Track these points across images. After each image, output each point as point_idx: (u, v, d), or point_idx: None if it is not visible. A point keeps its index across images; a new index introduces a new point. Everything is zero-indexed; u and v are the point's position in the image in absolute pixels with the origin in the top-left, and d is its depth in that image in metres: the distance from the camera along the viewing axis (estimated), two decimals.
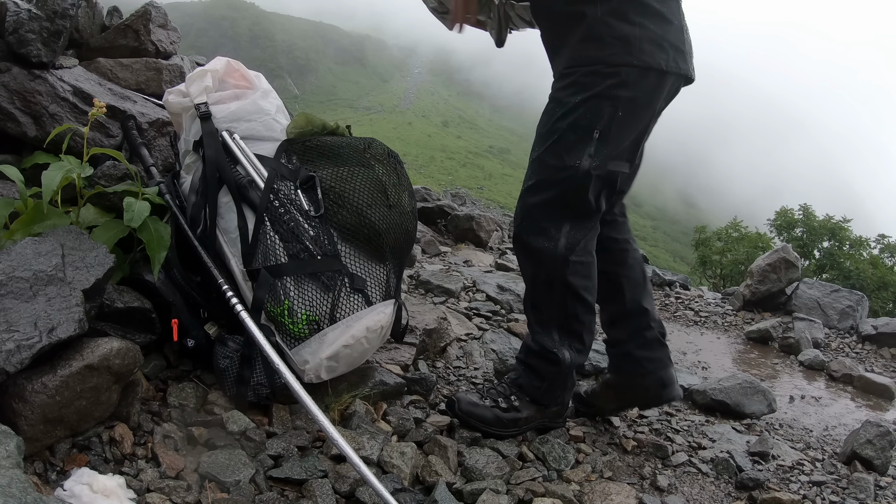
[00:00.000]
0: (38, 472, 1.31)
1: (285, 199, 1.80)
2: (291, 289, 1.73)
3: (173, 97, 2.00)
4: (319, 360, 1.72)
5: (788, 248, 4.28)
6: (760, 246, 19.43)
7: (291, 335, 1.72)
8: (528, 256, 1.91)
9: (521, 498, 1.70)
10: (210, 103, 1.92)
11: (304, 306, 1.72)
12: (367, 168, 1.94)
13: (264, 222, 1.76)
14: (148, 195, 1.80)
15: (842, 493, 2.04)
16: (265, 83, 2.10)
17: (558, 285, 1.86)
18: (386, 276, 1.90)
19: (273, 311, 1.71)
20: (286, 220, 1.77)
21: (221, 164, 1.82)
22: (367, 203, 1.87)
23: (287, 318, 1.71)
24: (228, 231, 1.80)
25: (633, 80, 1.71)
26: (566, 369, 1.93)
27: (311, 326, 1.73)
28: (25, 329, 1.28)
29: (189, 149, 1.93)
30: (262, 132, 1.96)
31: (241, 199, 1.80)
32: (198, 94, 1.93)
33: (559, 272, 1.85)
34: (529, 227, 1.87)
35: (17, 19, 1.86)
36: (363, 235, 1.84)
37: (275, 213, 1.77)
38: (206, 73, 1.97)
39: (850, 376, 3.16)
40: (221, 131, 1.89)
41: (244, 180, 1.81)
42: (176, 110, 2.00)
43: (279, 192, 1.81)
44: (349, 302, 1.79)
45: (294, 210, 1.80)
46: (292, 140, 1.96)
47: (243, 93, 2.02)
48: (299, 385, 1.54)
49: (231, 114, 1.93)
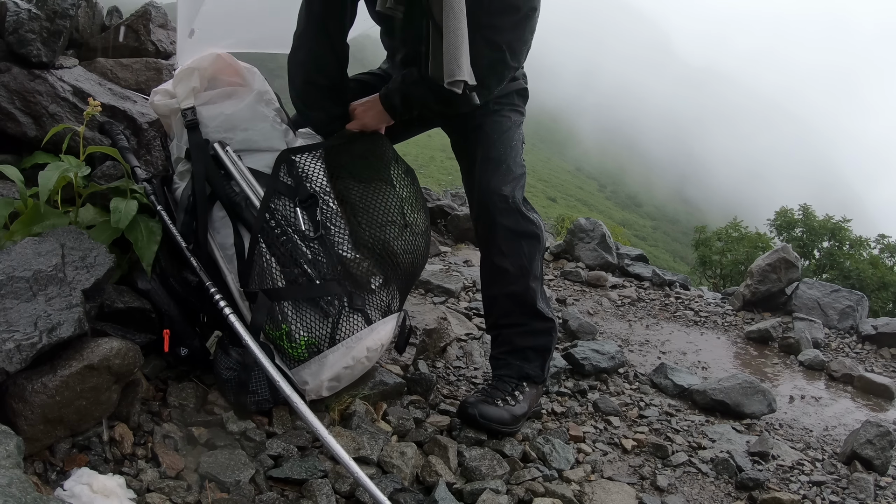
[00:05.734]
0: (38, 472, 1.31)
1: (282, 219, 1.71)
2: (290, 313, 1.67)
3: (159, 98, 1.89)
4: (320, 382, 1.69)
5: (788, 248, 4.28)
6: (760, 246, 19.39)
7: (291, 357, 1.67)
8: (529, 234, 2.02)
9: (521, 498, 1.70)
10: (199, 104, 1.81)
11: (302, 330, 1.67)
12: (388, 185, 1.88)
13: (259, 243, 1.68)
14: (138, 193, 1.77)
15: (842, 493, 2.05)
16: (259, 79, 1.98)
17: (543, 254, 2.10)
18: (390, 294, 1.84)
19: (272, 334, 1.66)
20: (283, 241, 1.69)
21: (213, 179, 1.74)
22: (383, 221, 1.81)
23: (286, 342, 1.66)
24: (225, 247, 1.73)
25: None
26: (557, 330, 2.15)
27: (310, 349, 1.67)
28: (25, 329, 1.28)
29: (181, 156, 1.84)
30: (260, 142, 1.85)
31: (236, 217, 1.72)
32: (185, 97, 1.81)
33: (544, 242, 2.08)
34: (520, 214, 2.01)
35: (17, 19, 1.86)
36: (376, 254, 1.78)
37: (271, 234, 1.69)
38: (194, 71, 1.85)
39: (850, 376, 3.16)
40: (213, 143, 1.78)
41: (238, 198, 1.73)
42: (163, 112, 1.89)
43: (276, 211, 1.72)
44: (349, 323, 1.73)
45: (291, 231, 1.71)
46: (301, 148, 1.85)
47: (235, 91, 1.90)
48: (298, 397, 1.52)
49: (225, 121, 1.82)
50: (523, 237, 2.01)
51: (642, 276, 4.46)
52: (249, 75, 1.97)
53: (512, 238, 2.00)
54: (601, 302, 3.84)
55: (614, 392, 2.56)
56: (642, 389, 2.63)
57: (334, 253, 1.73)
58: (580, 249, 4.59)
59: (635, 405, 2.46)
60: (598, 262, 4.49)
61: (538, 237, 2.04)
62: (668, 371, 2.71)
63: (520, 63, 1.91)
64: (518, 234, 2.00)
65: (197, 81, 1.84)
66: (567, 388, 2.48)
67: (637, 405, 2.46)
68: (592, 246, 4.58)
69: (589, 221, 4.75)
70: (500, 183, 1.99)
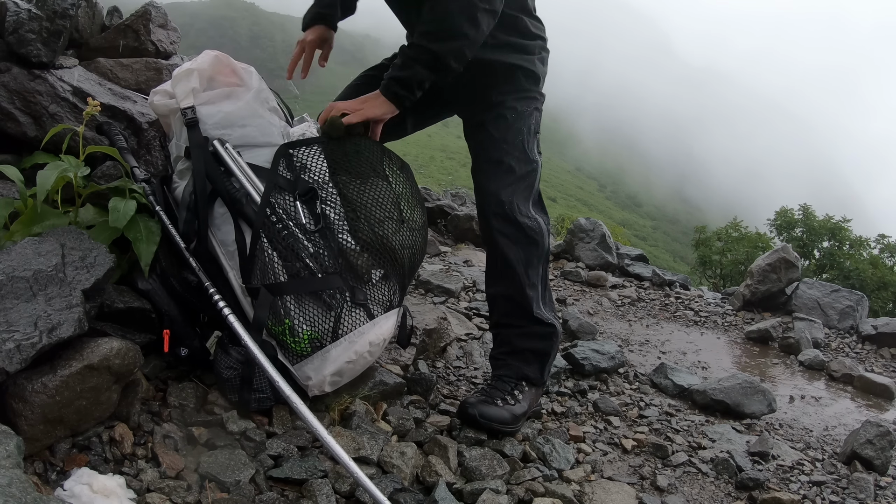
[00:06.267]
0: (38, 472, 1.31)
1: (283, 213, 1.72)
2: (292, 308, 1.67)
3: (158, 98, 1.89)
4: (323, 377, 1.70)
5: (788, 248, 4.28)
6: (760, 246, 19.40)
7: (294, 353, 1.68)
8: (525, 237, 2.00)
9: (521, 498, 1.70)
10: (198, 104, 1.82)
11: (305, 325, 1.67)
12: (384, 180, 1.88)
13: (261, 238, 1.68)
14: (137, 193, 1.77)
15: (842, 493, 2.05)
16: (256, 79, 1.99)
17: (545, 258, 2.07)
18: (391, 289, 1.85)
19: (275, 330, 1.66)
20: (284, 236, 1.70)
21: (214, 176, 1.74)
22: (381, 217, 1.81)
23: (289, 337, 1.66)
24: (226, 244, 1.73)
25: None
26: (559, 335, 2.12)
27: (313, 344, 1.68)
28: (25, 329, 1.28)
29: (181, 154, 1.85)
30: (258, 138, 1.86)
31: (237, 213, 1.72)
32: (184, 97, 1.82)
33: (546, 246, 2.05)
34: (520, 213, 1.99)
35: (17, 19, 1.86)
36: (375, 249, 1.78)
37: (272, 229, 1.69)
38: (193, 72, 1.86)
39: (850, 376, 3.16)
40: (213, 140, 1.80)
41: (239, 194, 1.74)
42: (163, 112, 1.90)
43: (276, 205, 1.72)
44: (351, 317, 1.73)
45: (292, 225, 1.71)
46: (297, 143, 1.86)
47: (234, 91, 1.91)
48: (297, 397, 1.52)
49: (224, 118, 1.83)
50: (519, 243, 1.99)
51: (642, 276, 4.46)
52: (247, 75, 1.98)
53: (508, 244, 1.99)
54: (601, 302, 3.84)
55: (614, 392, 2.56)
56: (642, 389, 2.63)
57: (335, 245, 1.74)
58: (580, 249, 4.59)
59: (635, 405, 2.46)
60: (598, 262, 4.49)
61: (536, 243, 2.01)
62: (668, 371, 2.71)
63: (493, 6, 1.81)
64: (514, 240, 1.98)
65: (196, 82, 1.85)
66: (567, 388, 2.48)
67: (637, 405, 2.46)
68: (592, 246, 4.58)
69: (589, 221, 4.75)
70: (499, 186, 1.98)
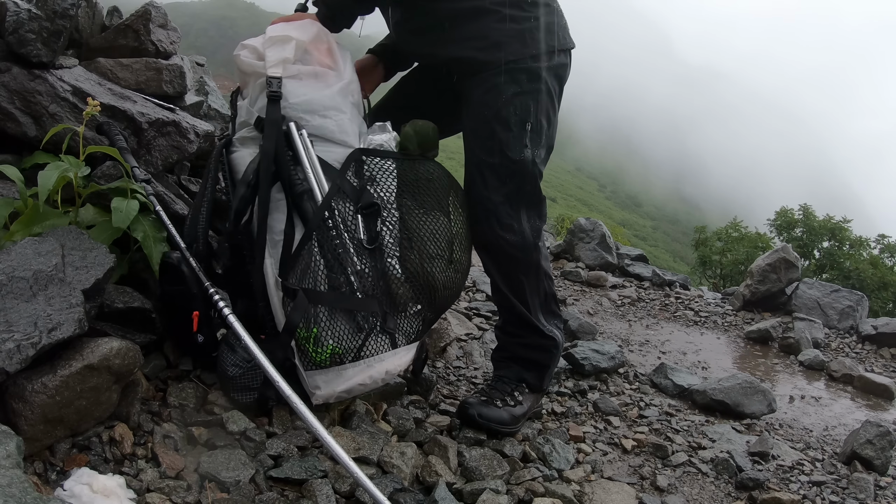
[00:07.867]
0: (38, 472, 1.31)
1: (340, 220, 1.66)
2: (323, 319, 1.62)
3: (246, 54, 1.80)
4: (332, 391, 1.66)
5: (788, 248, 4.28)
6: (760, 246, 19.41)
7: (311, 360, 1.64)
8: (503, 252, 1.94)
9: (521, 498, 1.70)
10: (286, 76, 1.73)
11: (332, 339, 1.63)
12: (445, 216, 1.82)
13: (312, 240, 1.62)
14: (139, 193, 1.77)
15: (842, 493, 2.05)
16: (350, 69, 1.89)
17: (533, 271, 1.99)
18: (419, 323, 1.81)
19: (300, 334, 1.62)
20: (335, 245, 1.64)
21: (281, 160, 1.66)
22: (433, 254, 1.76)
23: (311, 345, 1.62)
24: (273, 230, 1.67)
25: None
26: (560, 347, 2.11)
27: (333, 358, 1.64)
28: (25, 329, 1.28)
29: (250, 121, 1.76)
30: (335, 134, 1.76)
31: (294, 207, 1.66)
32: (273, 65, 1.72)
33: (534, 259, 1.97)
34: (498, 224, 1.90)
35: (17, 19, 1.85)
36: (419, 284, 1.74)
37: (325, 234, 1.63)
38: (291, 41, 1.75)
39: (850, 376, 3.16)
40: (289, 121, 1.71)
41: (300, 187, 1.66)
42: (246, 70, 1.80)
43: (335, 211, 1.66)
44: (376, 342, 1.69)
45: (346, 236, 1.65)
46: (373, 152, 1.77)
47: (324, 73, 1.81)
48: (297, 397, 1.51)
49: (306, 102, 1.74)
50: (498, 259, 1.96)
51: (642, 276, 4.46)
52: (342, 60, 1.88)
53: (488, 259, 1.98)
54: (601, 302, 3.84)
55: (614, 392, 2.56)
56: (642, 389, 2.63)
57: (381, 267, 1.68)
58: (580, 249, 4.59)
59: (635, 405, 2.46)
60: (598, 262, 4.49)
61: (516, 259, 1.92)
62: (668, 371, 2.71)
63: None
64: (494, 255, 1.96)
65: (291, 52, 1.75)
66: (567, 388, 2.48)
67: (637, 405, 2.46)
68: (592, 246, 4.58)
69: (589, 221, 4.75)
70: (480, 194, 1.89)
